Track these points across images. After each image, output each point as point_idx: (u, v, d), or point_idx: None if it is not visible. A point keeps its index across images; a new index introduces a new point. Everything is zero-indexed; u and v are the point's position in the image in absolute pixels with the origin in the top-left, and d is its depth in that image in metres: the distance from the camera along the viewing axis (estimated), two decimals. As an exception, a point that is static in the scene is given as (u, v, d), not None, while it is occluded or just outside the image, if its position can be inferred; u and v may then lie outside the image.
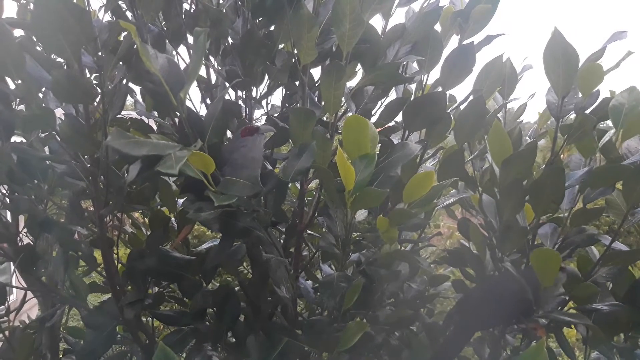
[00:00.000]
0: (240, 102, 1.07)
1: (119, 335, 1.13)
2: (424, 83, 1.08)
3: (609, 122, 0.94)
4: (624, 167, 0.91)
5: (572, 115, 0.94)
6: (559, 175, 0.86)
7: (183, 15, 0.97)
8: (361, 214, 1.02)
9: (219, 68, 1.04)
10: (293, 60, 0.98)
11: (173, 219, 1.20)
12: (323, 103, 0.94)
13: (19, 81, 0.82)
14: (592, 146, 0.99)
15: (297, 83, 1.02)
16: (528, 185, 0.90)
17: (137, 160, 0.80)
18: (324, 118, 1.06)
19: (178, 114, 0.82)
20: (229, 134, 1.01)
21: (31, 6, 1.01)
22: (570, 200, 1.04)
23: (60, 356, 1.24)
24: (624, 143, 0.97)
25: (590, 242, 1.03)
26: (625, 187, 0.93)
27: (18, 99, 0.94)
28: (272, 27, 1.01)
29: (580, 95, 0.93)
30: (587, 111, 0.93)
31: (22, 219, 1.14)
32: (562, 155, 1.05)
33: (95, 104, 0.87)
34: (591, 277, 0.99)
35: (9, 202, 1.07)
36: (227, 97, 1.07)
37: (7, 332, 1.12)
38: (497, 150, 0.90)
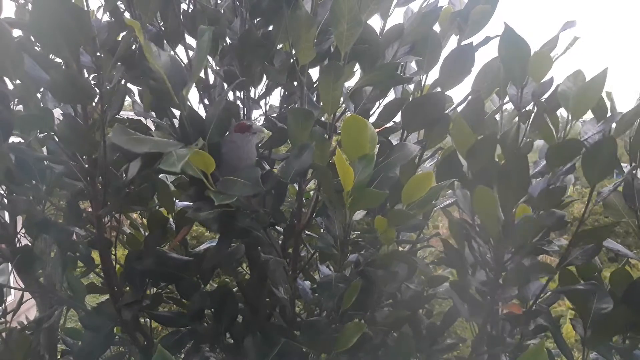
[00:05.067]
0: (238, 102, 1.07)
1: (116, 337, 1.13)
2: (422, 83, 1.08)
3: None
4: (575, 141, 0.92)
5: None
6: (522, 161, 0.89)
7: (181, 16, 0.97)
8: (359, 214, 1.02)
9: (217, 68, 1.04)
10: (291, 60, 0.98)
11: (171, 219, 1.20)
12: (321, 103, 0.94)
13: (17, 81, 0.81)
14: (551, 132, 1.00)
15: (295, 83, 1.02)
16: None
17: (137, 158, 0.80)
18: (323, 118, 1.06)
19: (179, 112, 0.82)
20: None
21: (29, 6, 1.01)
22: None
23: (58, 357, 1.24)
24: (583, 127, 1.00)
25: (595, 253, 1.02)
26: (584, 165, 0.93)
27: (16, 99, 0.94)
28: (271, 27, 1.01)
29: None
30: (543, 98, 0.95)
31: (20, 220, 1.14)
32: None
33: (93, 104, 0.87)
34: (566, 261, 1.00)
35: (7, 202, 1.06)
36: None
37: (4, 334, 1.12)
38: (461, 141, 0.93)
